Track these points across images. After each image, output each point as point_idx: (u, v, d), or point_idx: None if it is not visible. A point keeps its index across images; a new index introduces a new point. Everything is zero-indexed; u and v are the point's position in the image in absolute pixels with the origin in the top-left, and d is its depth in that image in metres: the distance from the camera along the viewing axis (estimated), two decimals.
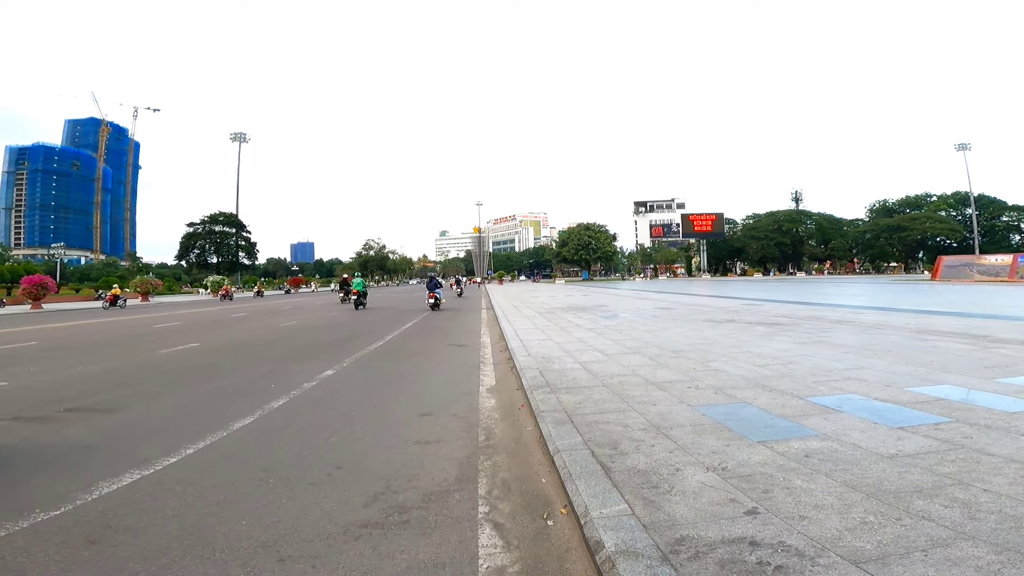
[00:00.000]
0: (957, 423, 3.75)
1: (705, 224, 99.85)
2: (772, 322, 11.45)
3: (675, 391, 5.25)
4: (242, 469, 3.79)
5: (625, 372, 6.39)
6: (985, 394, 4.57)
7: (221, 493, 3.34)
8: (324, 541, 2.70)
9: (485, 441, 4.36)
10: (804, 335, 9.06)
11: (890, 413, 4.10)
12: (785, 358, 6.82)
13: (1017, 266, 38.55)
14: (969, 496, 2.55)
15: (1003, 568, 1.90)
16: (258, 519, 2.94)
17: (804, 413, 4.23)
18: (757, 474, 3.01)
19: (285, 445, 4.34)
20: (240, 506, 3.14)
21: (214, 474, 3.69)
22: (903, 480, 2.79)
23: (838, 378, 5.48)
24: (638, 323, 12.49)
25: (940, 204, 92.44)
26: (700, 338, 9.23)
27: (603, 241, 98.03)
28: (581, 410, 4.67)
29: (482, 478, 3.53)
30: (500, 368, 7.85)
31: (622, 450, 3.56)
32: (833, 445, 3.42)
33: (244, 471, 3.74)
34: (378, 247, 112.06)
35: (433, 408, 5.51)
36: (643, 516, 2.57)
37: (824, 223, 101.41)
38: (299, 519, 2.95)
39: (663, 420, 4.24)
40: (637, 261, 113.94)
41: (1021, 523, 2.24)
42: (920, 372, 5.60)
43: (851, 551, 2.12)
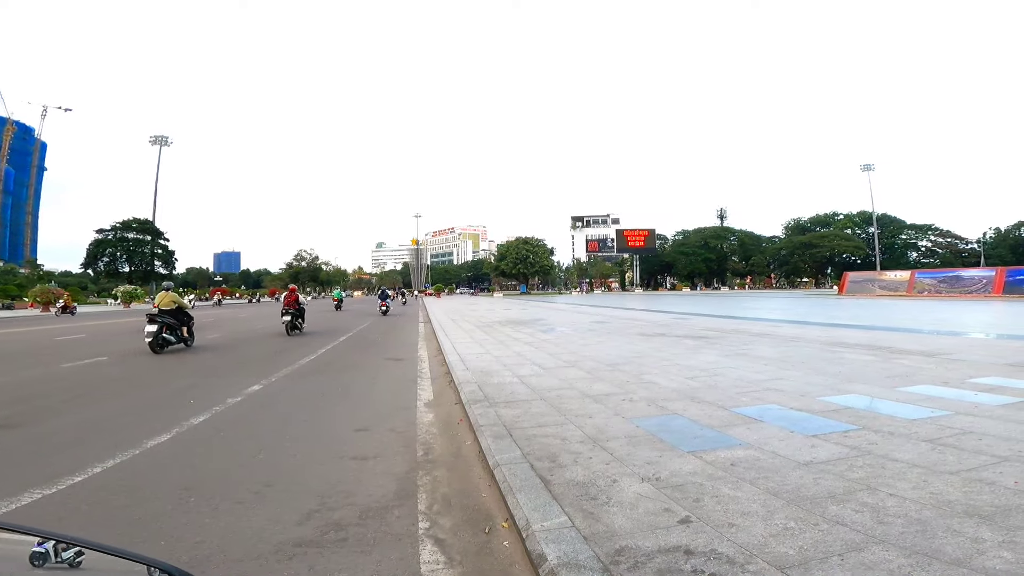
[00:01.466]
0: (864, 430, 4.05)
1: (638, 240, 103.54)
2: (700, 335, 12.00)
3: (611, 404, 5.37)
4: (158, 488, 3.54)
5: (563, 385, 6.48)
6: (888, 403, 4.97)
7: (134, 513, 3.11)
8: (254, 561, 2.55)
9: (424, 456, 4.29)
10: (729, 348, 9.55)
11: (805, 422, 4.38)
12: (712, 370, 7.15)
13: (914, 282, 42.58)
14: (877, 501, 2.74)
15: (913, 571, 2.04)
16: (178, 540, 2.74)
17: (729, 423, 4.44)
18: (688, 483, 3.12)
19: (207, 463, 4.10)
20: (157, 526, 2.92)
21: (126, 493, 3.42)
22: (818, 486, 2.98)
23: (759, 389, 5.81)
24: (575, 337, 12.74)
25: (846, 223, 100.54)
26: (634, 351, 9.52)
27: (541, 255, 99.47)
28: (520, 424, 4.69)
29: (422, 493, 3.48)
30: (438, 382, 7.76)
31: (561, 463, 3.60)
32: (756, 454, 3.60)
33: (161, 490, 3.49)
34: (311, 258, 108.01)
35: (370, 423, 5.37)
36: (583, 528, 2.60)
37: (746, 240, 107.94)
38: (225, 539, 2.78)
39: (600, 432, 4.32)
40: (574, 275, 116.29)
41: (926, 526, 2.42)
42: (830, 382, 6.03)
43: (776, 557, 2.23)
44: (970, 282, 38.83)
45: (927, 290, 40.54)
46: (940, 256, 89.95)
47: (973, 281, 38.75)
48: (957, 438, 3.75)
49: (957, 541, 2.25)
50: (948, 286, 39.79)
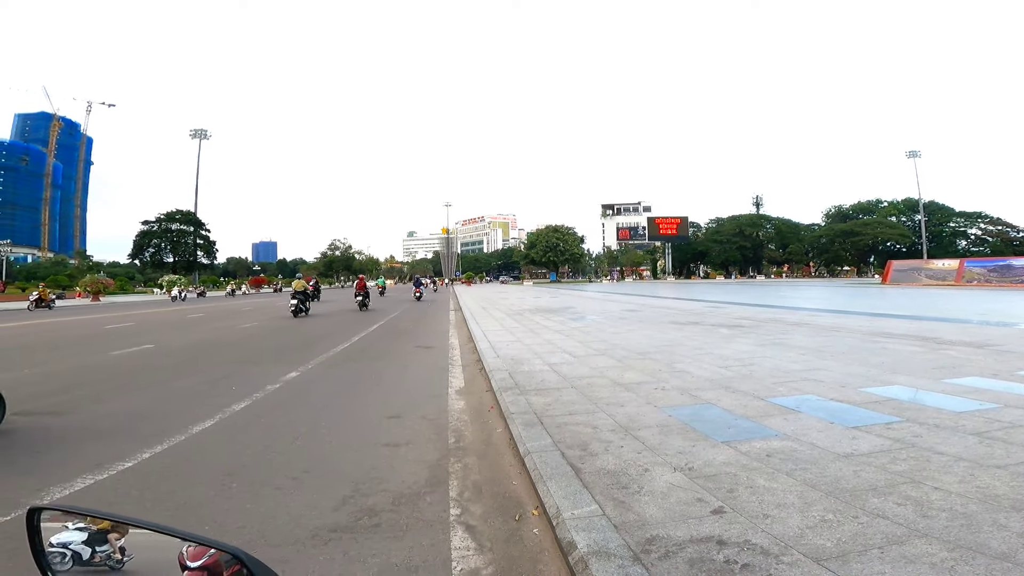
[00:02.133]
0: (908, 423, 3.92)
1: (670, 227, 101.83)
2: (734, 324, 11.76)
3: (642, 392, 5.33)
4: (202, 473, 3.67)
5: (593, 374, 6.46)
6: (934, 394, 4.80)
7: (180, 498, 3.23)
8: (292, 546, 2.63)
9: (455, 443, 4.34)
10: (764, 337, 9.34)
11: (845, 413, 4.27)
12: (747, 359, 7.02)
13: (963, 271, 40.69)
14: (921, 494, 2.66)
15: (956, 565, 1.98)
16: (220, 525, 2.85)
17: (765, 414, 4.36)
18: (722, 474, 3.09)
19: (248, 449, 4.23)
20: (201, 511, 3.04)
21: (172, 479, 3.56)
22: (859, 479, 2.90)
23: (796, 379, 5.67)
24: (606, 325, 12.64)
25: (891, 210, 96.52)
26: (666, 340, 9.41)
27: (571, 243, 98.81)
28: (551, 412, 4.70)
29: (453, 480, 3.52)
30: (469, 370, 7.82)
31: (592, 451, 3.60)
32: (793, 445, 3.53)
33: (204, 475, 3.62)
34: (344, 247, 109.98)
35: (402, 410, 5.45)
36: (614, 516, 2.60)
37: (783, 227, 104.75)
38: (265, 524, 2.87)
39: (631, 421, 4.30)
40: (604, 263, 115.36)
41: (971, 520, 2.34)
42: (872, 373, 5.85)
43: (813, 549, 2.19)
44: (1022, 271, 36.86)
45: (977, 279, 38.65)
46: (991, 245, 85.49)
47: None
48: (1006, 432, 3.60)
49: (1003, 535, 2.18)
50: (999, 275, 37.84)
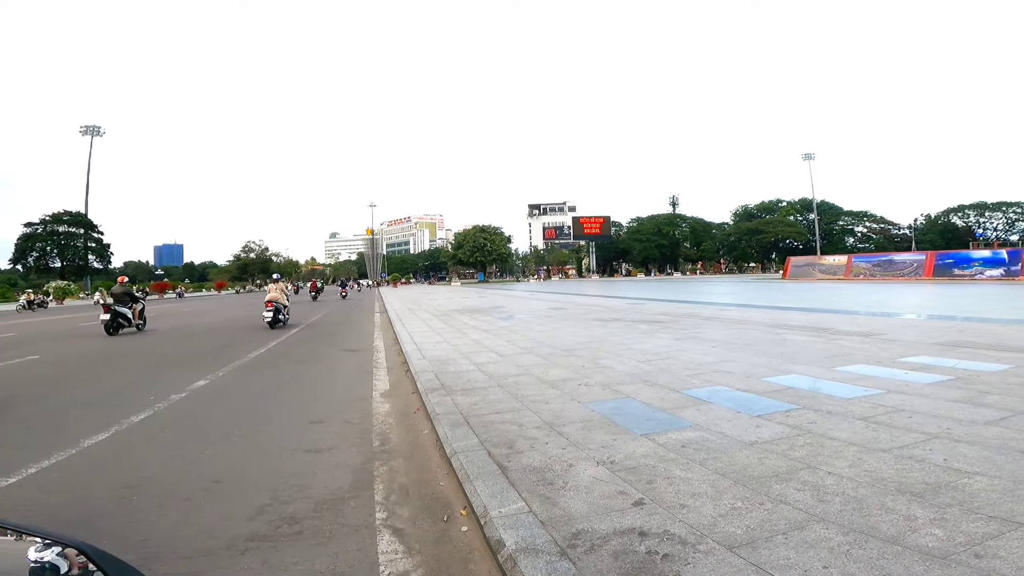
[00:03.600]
0: (804, 410, 4.25)
1: (594, 227, 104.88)
2: (653, 320, 12.30)
3: (567, 389, 5.45)
4: (98, 487, 3.39)
5: (520, 372, 6.53)
6: (827, 382, 5.23)
7: (74, 513, 2.98)
8: (206, 558, 2.49)
9: (380, 447, 4.27)
10: (680, 331, 9.83)
11: (750, 402, 4.57)
12: (664, 353, 7.35)
13: (851, 266, 44.93)
14: (817, 479, 2.87)
15: (851, 549, 2.14)
16: (122, 539, 2.64)
17: (680, 405, 4.58)
18: (642, 466, 3.21)
19: (151, 461, 3.95)
20: (98, 525, 2.81)
21: (63, 493, 3.27)
22: (763, 466, 3.11)
23: (708, 371, 6.01)
24: (533, 323, 12.82)
25: (789, 209, 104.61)
26: (590, 337, 9.67)
27: (498, 243, 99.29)
28: (477, 411, 4.72)
29: (379, 484, 3.46)
30: (395, 372, 7.69)
31: (518, 449, 3.64)
32: (705, 435, 3.73)
33: (101, 489, 3.35)
34: (259, 249, 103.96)
35: (324, 415, 5.28)
36: (540, 513, 2.65)
37: (696, 226, 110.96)
38: (173, 536, 2.70)
39: (556, 418, 4.39)
40: (531, 263, 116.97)
41: (861, 504, 2.54)
42: (774, 363, 6.30)
43: (725, 536, 2.31)
44: (902, 265, 41.30)
45: (863, 274, 42.85)
46: (874, 241, 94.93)
47: (905, 264, 41.22)
48: (889, 416, 3.98)
49: (891, 519, 2.37)
50: (882, 270, 42.19)
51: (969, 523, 2.27)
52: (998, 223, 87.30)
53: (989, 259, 36.42)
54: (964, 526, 2.25)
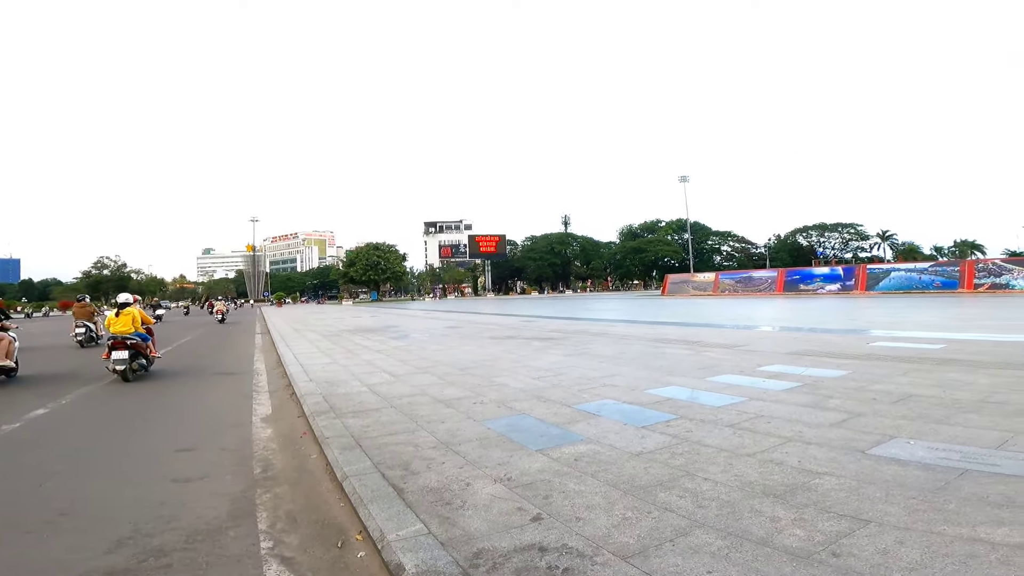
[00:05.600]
0: (682, 419, 4.56)
1: (490, 245, 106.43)
2: (546, 337, 12.66)
3: (462, 407, 5.43)
4: None
5: (414, 392, 6.40)
6: (700, 392, 5.68)
7: None
8: None
9: (262, 473, 4.00)
10: (571, 348, 10.21)
11: (636, 414, 4.83)
12: (556, 369, 7.58)
13: (719, 282, 49.63)
14: (695, 486, 3.08)
15: (730, 552, 2.29)
16: None
17: (573, 420, 4.73)
18: (538, 481, 3.26)
19: None
20: None
21: None
22: (649, 475, 3.28)
23: (597, 385, 6.28)
24: (428, 343, 12.63)
25: (668, 229, 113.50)
26: (485, 355, 9.72)
27: (393, 261, 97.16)
28: (370, 433, 4.58)
29: (262, 512, 3.24)
30: (278, 396, 7.22)
31: (414, 470, 3.58)
32: (596, 448, 3.87)
33: None
34: (115, 265, 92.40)
35: (195, 443, 4.86)
36: (440, 534, 2.60)
37: (586, 245, 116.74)
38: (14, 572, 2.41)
39: (452, 437, 4.35)
40: (427, 281, 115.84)
41: (734, 508, 2.75)
42: (655, 376, 6.73)
43: (619, 547, 2.39)
44: (759, 282, 46.43)
45: (728, 290, 47.55)
46: (737, 259, 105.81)
47: (761, 281, 46.39)
48: (752, 422, 4.37)
49: (760, 521, 2.57)
50: (743, 286, 47.13)
51: (824, 522, 2.51)
52: (835, 242, 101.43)
53: (828, 275, 42.10)
54: (821, 525, 2.48)
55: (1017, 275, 31.66)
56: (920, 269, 37.79)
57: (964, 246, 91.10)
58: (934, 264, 41.22)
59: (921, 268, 38.10)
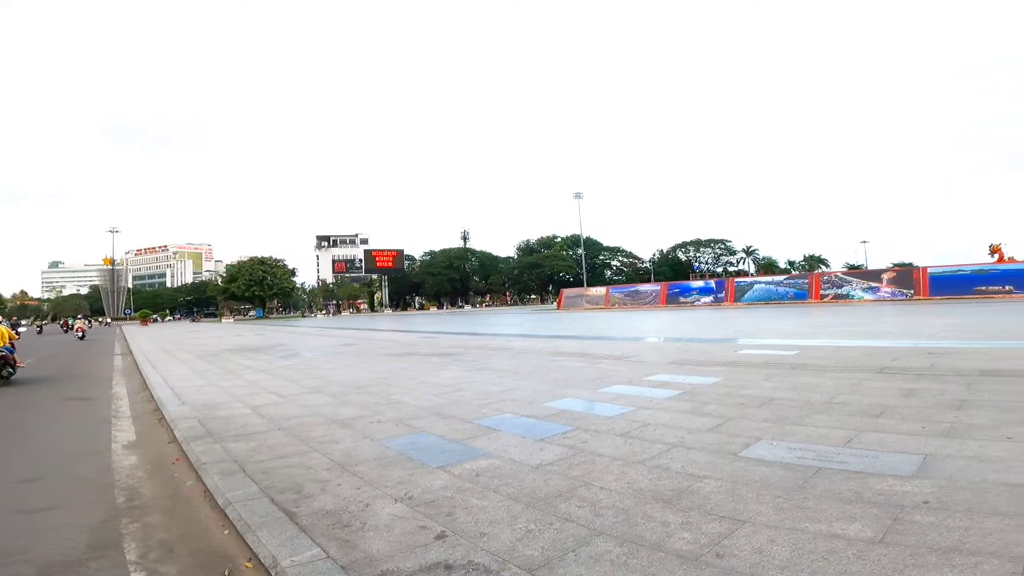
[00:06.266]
0: (578, 430, 4.73)
1: (387, 260, 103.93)
2: (445, 352, 12.57)
3: (359, 427, 5.25)
4: None
5: (305, 413, 6.09)
6: (594, 403, 5.94)
7: None
8: None
9: (128, 502, 3.68)
10: (471, 363, 10.22)
11: (534, 427, 4.94)
12: (456, 385, 7.55)
13: (609, 296, 52.38)
14: (592, 495, 3.19)
15: (628, 559, 2.39)
16: None
17: (473, 435, 4.73)
18: (440, 499, 3.22)
19: None
20: None
21: None
22: (548, 487, 3.35)
23: (497, 400, 6.34)
24: (320, 361, 12.03)
25: (563, 245, 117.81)
26: (383, 372, 9.44)
27: (281, 276, 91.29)
28: (255, 457, 4.31)
29: (130, 542, 2.99)
30: (143, 421, 6.61)
31: (307, 493, 3.42)
32: (497, 462, 3.90)
33: None
34: None
35: (44, 472, 4.42)
36: (340, 557, 2.50)
37: (485, 260, 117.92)
38: None
39: (348, 458, 4.21)
40: (319, 297, 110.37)
41: (629, 515, 2.87)
42: (552, 389, 6.93)
43: (525, 560, 2.42)
44: (645, 295, 49.71)
45: (618, 303, 50.36)
46: (626, 274, 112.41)
47: (647, 294, 49.69)
48: (640, 430, 4.63)
49: (652, 526, 2.71)
50: (631, 299, 50.19)
51: (708, 524, 2.69)
52: (708, 257, 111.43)
53: (703, 288, 46.14)
54: (705, 527, 2.66)
55: (855, 286, 36.95)
56: (777, 282, 42.78)
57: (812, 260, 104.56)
58: (788, 277, 46.96)
59: (778, 281, 43.13)
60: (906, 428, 4.13)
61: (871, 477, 3.16)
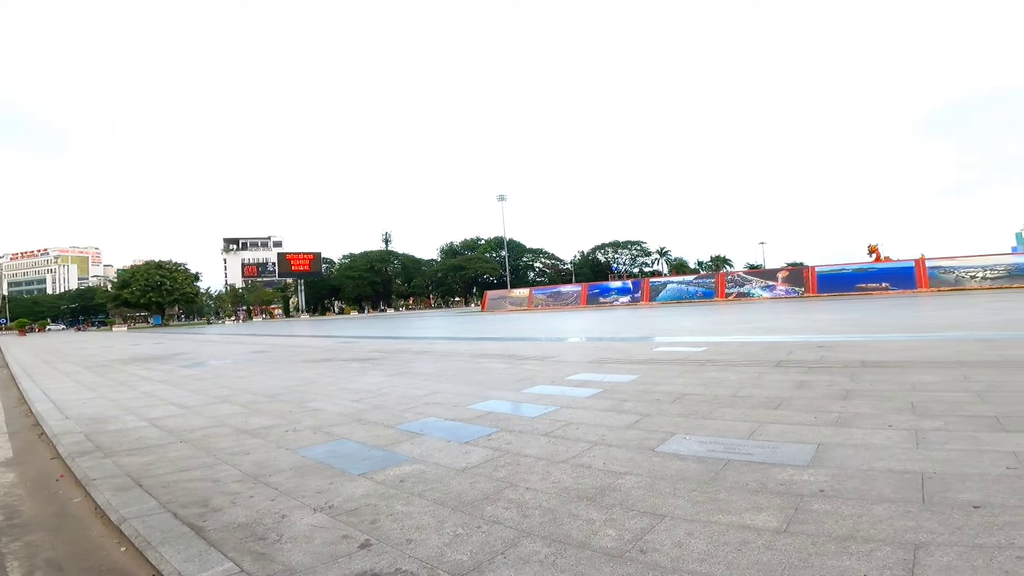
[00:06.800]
0: (502, 432, 4.73)
1: (303, 263, 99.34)
2: (366, 357, 12.19)
3: (272, 436, 4.98)
4: None
5: (211, 424, 5.69)
6: (518, 404, 5.98)
7: None
8: None
9: (6, 521, 3.37)
10: (393, 367, 9.98)
11: (459, 430, 4.89)
12: (377, 390, 7.33)
13: (532, 297, 53.22)
14: (519, 496, 3.19)
15: (556, 559, 2.39)
16: None
17: (396, 441, 4.61)
18: (363, 506, 3.12)
19: None
20: None
21: None
22: (475, 490, 3.32)
23: (420, 404, 6.22)
24: (229, 370, 11.27)
25: (487, 247, 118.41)
26: (298, 379, 9.01)
27: (182, 281, 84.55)
28: (154, 471, 4.00)
29: (12, 561, 2.77)
30: (21, 437, 5.96)
31: (215, 506, 3.21)
32: (421, 467, 3.82)
33: None
34: None
35: None
36: (256, 571, 2.37)
37: (408, 263, 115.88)
38: None
39: (261, 468, 3.98)
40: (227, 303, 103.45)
41: (555, 515, 2.88)
42: (476, 391, 6.91)
43: (454, 565, 2.37)
44: (567, 296, 51.01)
45: (541, 304, 51.34)
46: (548, 275, 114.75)
47: (568, 295, 51.01)
48: (563, 429, 4.70)
49: (578, 524, 2.74)
50: (554, 300, 51.32)
51: (631, 520, 2.75)
52: (626, 258, 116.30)
53: (621, 289, 48.12)
54: (627, 523, 2.71)
55: (755, 285, 40.05)
56: (687, 282, 45.53)
57: (718, 261, 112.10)
58: (697, 277, 50.05)
59: (688, 281, 45.91)
60: (800, 419, 4.46)
61: (773, 467, 3.35)
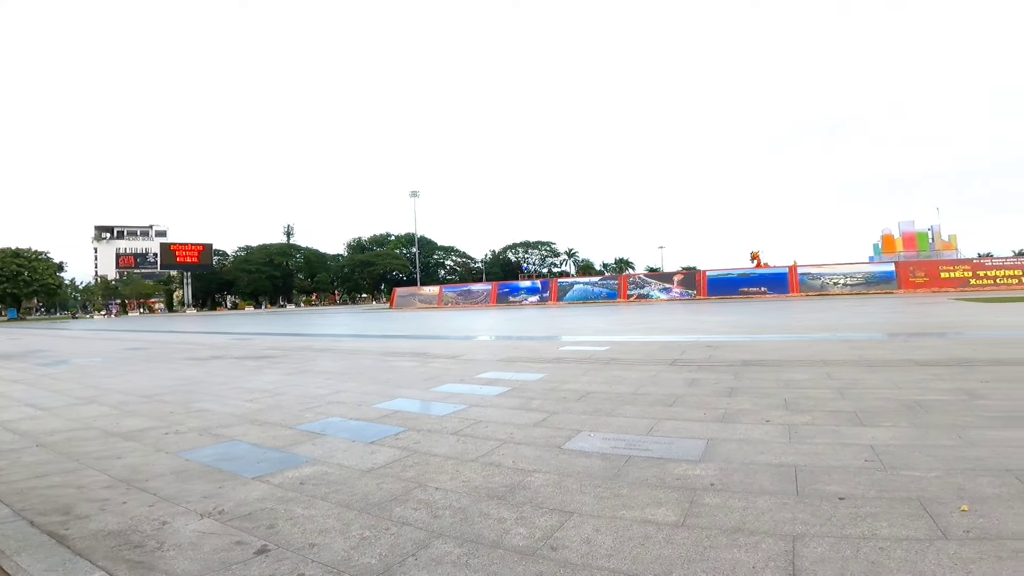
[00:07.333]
0: (410, 431, 4.62)
1: (190, 254, 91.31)
2: (262, 355, 11.45)
3: (149, 439, 4.55)
4: None
5: (75, 426, 5.11)
6: (426, 403, 5.88)
7: None
8: None
9: None
10: (292, 366, 9.45)
11: (364, 430, 4.71)
12: (274, 390, 6.90)
13: (442, 295, 52.72)
14: (428, 496, 3.12)
15: (469, 559, 2.35)
16: None
17: (295, 442, 4.36)
18: (258, 511, 2.91)
19: None
20: None
21: None
22: (382, 491, 3.20)
23: (322, 403, 5.94)
24: (97, 369, 10.10)
25: (397, 243, 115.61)
26: (181, 378, 8.25)
27: (42, 271, 74.44)
28: (5, 478, 3.61)
29: None
30: None
31: (80, 514, 2.90)
32: (323, 468, 3.64)
33: None
34: None
35: None
36: None
37: (311, 257, 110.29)
38: None
39: (135, 473, 3.63)
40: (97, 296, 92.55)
41: (466, 514, 2.84)
42: (383, 389, 6.70)
43: (362, 569, 2.26)
44: (477, 295, 51.15)
45: (451, 302, 51.04)
46: (459, 273, 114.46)
47: (479, 294, 51.19)
48: (473, 428, 4.69)
49: (489, 523, 2.71)
50: (464, 298, 51.24)
51: (540, 518, 2.76)
52: (536, 258, 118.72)
53: (530, 288, 49.12)
54: (538, 521, 2.72)
55: (654, 287, 42.62)
56: (593, 283, 47.51)
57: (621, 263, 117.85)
58: (602, 278, 52.38)
59: (594, 282, 47.92)
60: (692, 415, 4.76)
61: (670, 463, 3.53)
